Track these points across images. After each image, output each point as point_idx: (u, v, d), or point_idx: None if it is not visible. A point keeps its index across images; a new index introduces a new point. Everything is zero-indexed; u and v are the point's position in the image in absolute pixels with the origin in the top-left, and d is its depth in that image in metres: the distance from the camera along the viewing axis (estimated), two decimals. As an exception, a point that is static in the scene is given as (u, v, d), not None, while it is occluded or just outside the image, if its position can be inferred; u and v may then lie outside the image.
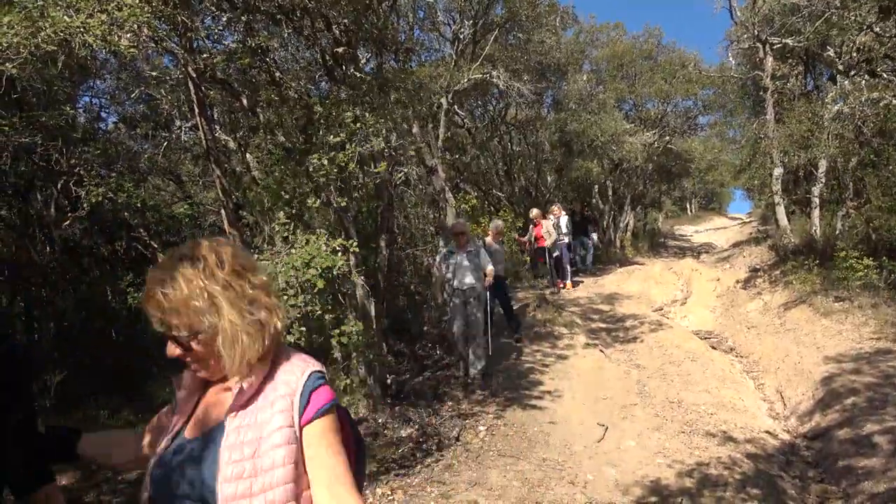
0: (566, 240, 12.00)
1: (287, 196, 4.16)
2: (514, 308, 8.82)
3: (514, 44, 13.65)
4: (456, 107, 13.03)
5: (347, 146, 3.97)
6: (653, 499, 4.22)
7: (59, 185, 6.00)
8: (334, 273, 3.71)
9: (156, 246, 5.99)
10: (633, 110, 19.23)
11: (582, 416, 5.87)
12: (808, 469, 4.94)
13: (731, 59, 14.41)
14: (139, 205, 5.42)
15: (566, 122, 15.00)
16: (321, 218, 4.30)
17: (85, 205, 5.25)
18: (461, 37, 11.40)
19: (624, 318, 9.85)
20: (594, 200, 20.47)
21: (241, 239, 5.35)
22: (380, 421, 5.90)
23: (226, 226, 5.37)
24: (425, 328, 8.39)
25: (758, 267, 11.70)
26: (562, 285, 11.99)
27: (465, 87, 11.91)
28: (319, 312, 3.72)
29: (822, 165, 10.58)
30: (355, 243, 4.07)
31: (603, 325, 9.54)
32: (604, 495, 4.28)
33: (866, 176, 9.33)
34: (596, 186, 20.21)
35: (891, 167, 8.70)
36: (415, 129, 12.72)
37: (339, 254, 3.88)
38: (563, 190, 18.69)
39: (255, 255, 4.06)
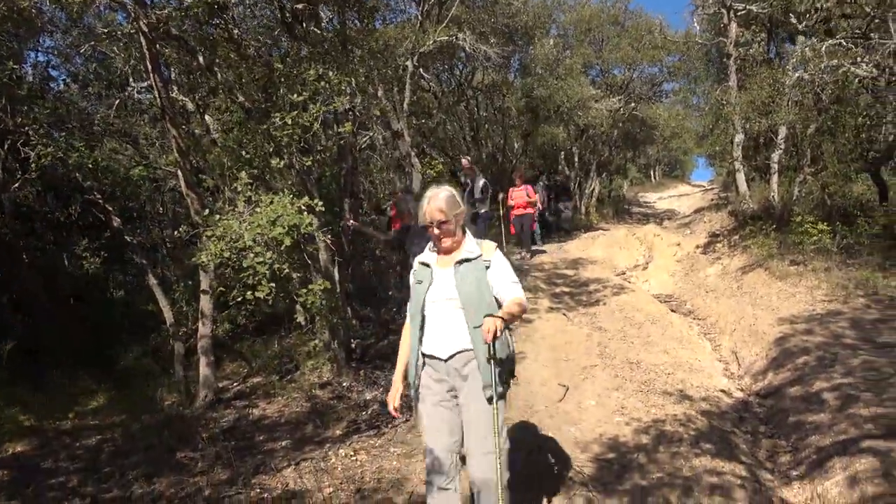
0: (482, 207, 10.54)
1: (248, 156, 4.06)
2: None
3: (481, 5, 13.48)
4: (422, 70, 12.85)
5: (311, 106, 3.87)
6: (611, 455, 4.34)
7: (6, 146, 5.75)
8: (301, 231, 3.66)
9: (111, 209, 5.80)
10: (600, 76, 19.25)
11: (544, 378, 5.97)
12: (759, 425, 5.13)
13: (696, 24, 14.45)
14: (91, 166, 5.22)
15: (533, 87, 14.94)
16: (282, 180, 4.20)
17: (34, 166, 5.04)
18: (426, -3, 11.17)
19: (587, 283, 9.99)
20: (560, 167, 20.57)
21: (200, 202, 5.22)
22: (344, 384, 5.93)
23: (183, 188, 5.24)
24: (391, 293, 8.38)
25: (717, 232, 11.95)
26: None
27: (430, 49, 11.73)
28: (287, 271, 3.68)
29: (782, 132, 10.75)
30: (320, 203, 4.01)
31: (567, 290, 9.66)
32: (563, 453, 4.38)
33: (823, 143, 9.54)
34: (563, 153, 20.29)
35: (846, 134, 8.90)
36: (380, 93, 12.54)
37: (306, 213, 3.83)
38: (530, 156, 18.72)
39: (217, 217, 3.98)
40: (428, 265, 2.98)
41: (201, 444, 4.78)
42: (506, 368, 2.89)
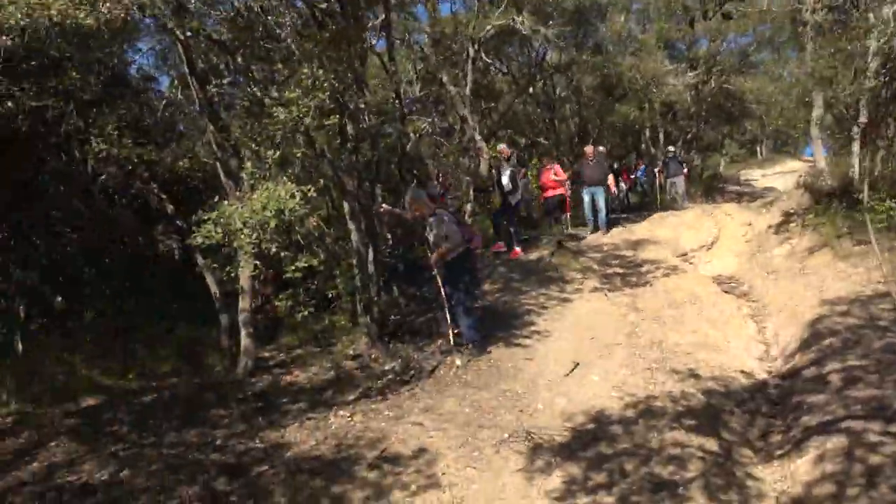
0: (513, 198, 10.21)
1: (256, 148, 4.57)
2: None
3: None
4: (484, 54, 13.00)
5: (301, 101, 4.31)
6: (590, 426, 4.51)
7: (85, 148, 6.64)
8: (287, 215, 4.11)
9: (164, 198, 6.58)
10: (686, 49, 18.48)
11: (561, 355, 6.13)
12: (764, 405, 5.07)
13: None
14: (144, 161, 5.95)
15: (604, 65, 14.69)
16: (281, 171, 4.65)
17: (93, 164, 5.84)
18: (482, -18, 11.35)
19: (642, 264, 9.88)
20: (644, 145, 20.04)
21: (238, 189, 5.82)
22: (372, 356, 6.40)
23: (222, 178, 5.87)
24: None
25: (793, 210, 11.31)
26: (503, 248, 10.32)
27: (490, 34, 11.91)
28: (274, 250, 4.15)
29: (864, 103, 10.02)
30: (312, 189, 4.44)
31: (619, 271, 9.61)
32: (545, 422, 4.60)
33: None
34: (647, 130, 19.73)
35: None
36: (444, 78, 12.88)
37: (297, 198, 4.27)
38: (607, 136, 18.37)
39: (225, 202, 4.53)
40: None
41: (233, 404, 5.42)
42: None
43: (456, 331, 6.38)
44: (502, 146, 11.04)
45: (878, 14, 7.78)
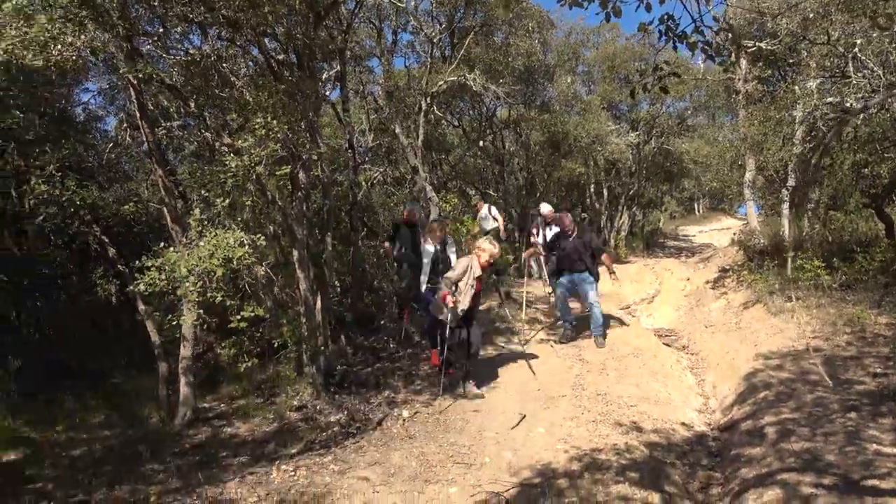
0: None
1: (205, 193, 4.53)
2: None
3: (497, 47, 13.92)
4: (436, 108, 13.33)
5: (253, 151, 4.33)
6: (537, 480, 4.51)
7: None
8: (234, 263, 4.06)
9: (107, 241, 6.40)
10: (628, 111, 19.35)
11: (507, 406, 6.15)
12: (703, 457, 5.19)
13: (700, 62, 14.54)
14: (87, 203, 5.81)
15: (552, 123, 15.24)
16: (231, 218, 4.63)
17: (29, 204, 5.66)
18: (434, 41, 11.70)
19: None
20: (588, 200, 20.67)
21: (184, 234, 5.72)
22: (317, 407, 6.26)
23: (169, 223, 5.76)
24: (383, 322, 8.73)
25: (728, 267, 11.84)
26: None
27: (442, 88, 12.23)
28: (220, 298, 4.08)
29: (792, 168, 10.68)
30: (262, 238, 4.41)
31: (565, 322, 9.76)
32: (493, 476, 4.58)
33: (825, 179, 9.46)
34: (592, 186, 20.40)
35: (843, 171, 8.83)
36: (397, 129, 13.08)
37: (246, 246, 4.23)
38: (554, 190, 18.92)
39: (171, 248, 4.44)
40: None
41: (169, 458, 5.19)
42: None
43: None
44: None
45: (804, 87, 8.35)
